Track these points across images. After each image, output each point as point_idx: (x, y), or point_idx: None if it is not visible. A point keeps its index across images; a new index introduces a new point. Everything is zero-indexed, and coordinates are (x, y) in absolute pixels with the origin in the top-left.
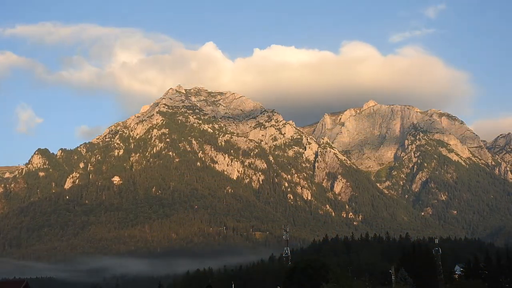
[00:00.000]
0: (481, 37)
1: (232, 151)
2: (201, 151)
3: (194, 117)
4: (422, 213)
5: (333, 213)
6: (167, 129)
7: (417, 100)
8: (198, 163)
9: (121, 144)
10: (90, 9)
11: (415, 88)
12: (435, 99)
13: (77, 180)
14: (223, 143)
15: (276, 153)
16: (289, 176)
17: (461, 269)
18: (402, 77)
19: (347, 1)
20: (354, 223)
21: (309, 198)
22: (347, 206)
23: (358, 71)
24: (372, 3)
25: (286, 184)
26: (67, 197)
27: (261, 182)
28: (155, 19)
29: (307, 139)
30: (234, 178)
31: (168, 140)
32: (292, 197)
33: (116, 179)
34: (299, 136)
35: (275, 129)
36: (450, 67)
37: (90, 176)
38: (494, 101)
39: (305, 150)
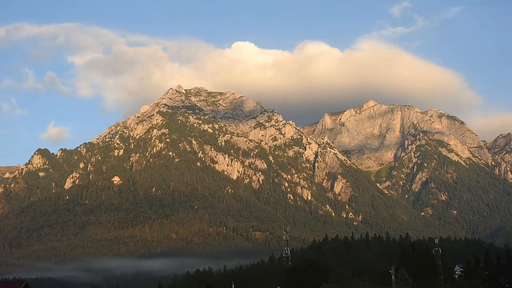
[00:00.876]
0: (455, 34)
1: (232, 151)
2: (201, 151)
3: (194, 117)
4: (422, 213)
5: (333, 213)
6: (167, 129)
7: (417, 100)
8: (198, 163)
9: (121, 144)
10: (21, 5)
11: (412, 88)
12: (434, 99)
13: (77, 180)
14: (223, 143)
15: (276, 153)
16: (289, 176)
17: (461, 269)
18: (395, 76)
19: (315, 1)
20: (354, 223)
21: (309, 198)
22: (347, 206)
23: (318, 71)
24: (340, 3)
25: (286, 184)
26: (67, 197)
27: (261, 182)
28: (95, 13)
29: (307, 139)
30: (234, 178)
31: (168, 140)
32: (292, 197)
33: (116, 179)
34: (299, 136)
35: (275, 129)
36: (447, 69)
37: (90, 176)
38: (493, 100)
39: (305, 150)
